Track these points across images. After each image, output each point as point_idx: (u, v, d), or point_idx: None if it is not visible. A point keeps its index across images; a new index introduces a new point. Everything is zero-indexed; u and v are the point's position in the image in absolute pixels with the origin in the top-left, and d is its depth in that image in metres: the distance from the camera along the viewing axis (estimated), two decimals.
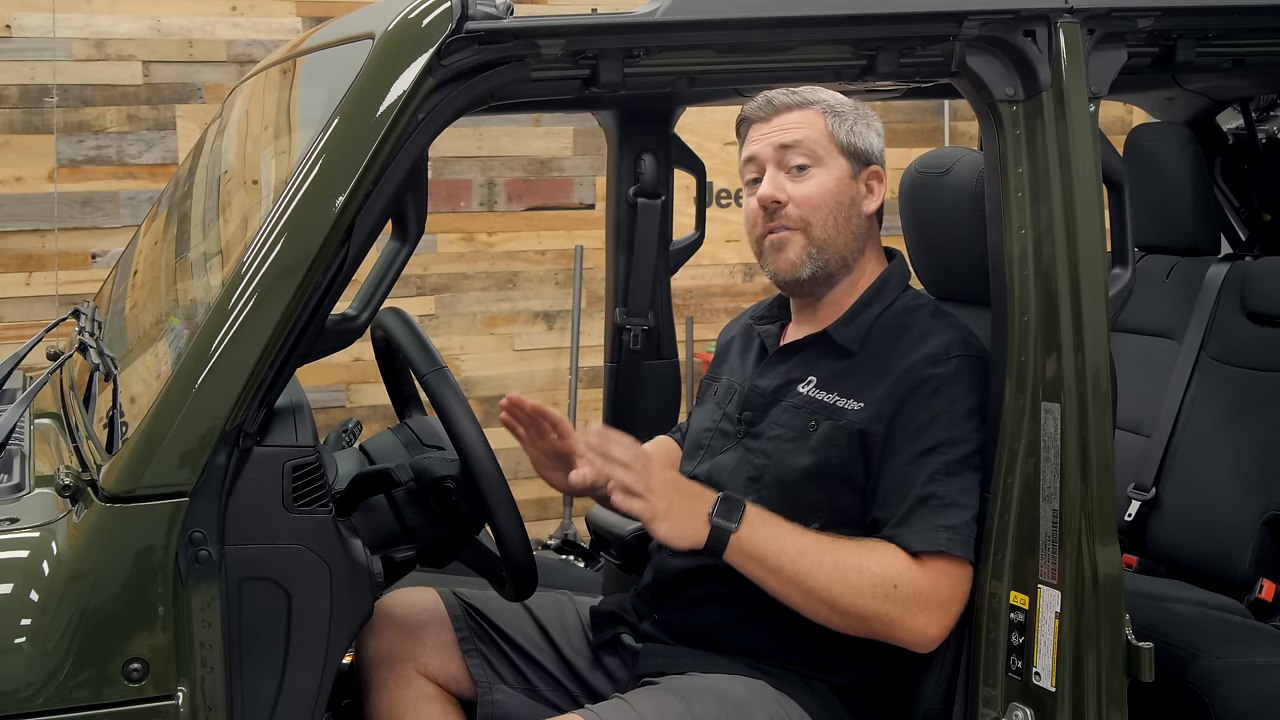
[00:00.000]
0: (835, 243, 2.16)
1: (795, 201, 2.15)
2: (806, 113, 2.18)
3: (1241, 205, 3.14)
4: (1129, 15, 1.94)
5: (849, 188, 2.17)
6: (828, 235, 2.15)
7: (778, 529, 1.98)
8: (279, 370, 1.73)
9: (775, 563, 1.96)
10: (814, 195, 2.15)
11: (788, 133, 2.16)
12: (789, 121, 2.17)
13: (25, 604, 1.67)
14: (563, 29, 1.76)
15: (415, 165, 1.76)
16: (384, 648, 2.23)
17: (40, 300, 4.73)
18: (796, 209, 2.15)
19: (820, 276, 2.17)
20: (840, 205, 2.16)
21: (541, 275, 5.35)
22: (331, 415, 4.94)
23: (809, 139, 2.16)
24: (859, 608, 1.96)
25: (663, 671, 2.13)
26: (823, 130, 2.16)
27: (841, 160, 2.17)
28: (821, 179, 2.15)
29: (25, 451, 2.02)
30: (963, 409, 2.03)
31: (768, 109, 2.20)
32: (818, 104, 2.18)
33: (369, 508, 2.03)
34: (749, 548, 1.96)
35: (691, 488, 2.00)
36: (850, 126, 2.18)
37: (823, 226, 2.15)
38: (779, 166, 2.16)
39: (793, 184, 2.15)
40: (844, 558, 1.97)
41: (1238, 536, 2.64)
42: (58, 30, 4.67)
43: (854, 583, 1.95)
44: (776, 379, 2.21)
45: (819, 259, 2.16)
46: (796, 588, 1.97)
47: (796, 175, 2.15)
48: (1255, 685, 2.26)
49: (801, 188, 2.15)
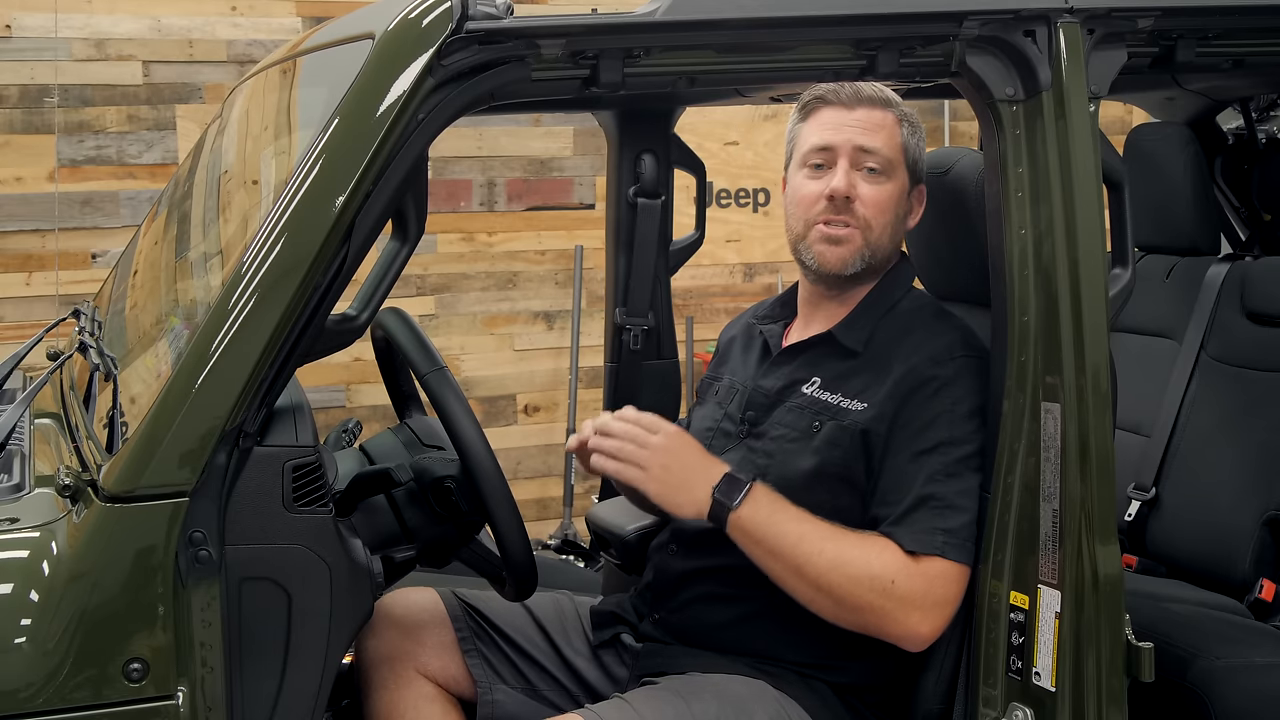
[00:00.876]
0: (884, 250, 2.18)
1: (864, 202, 2.15)
2: (887, 115, 2.17)
3: (1241, 205, 3.14)
4: (1129, 15, 1.94)
5: (904, 202, 2.20)
6: (882, 241, 2.17)
7: (780, 513, 1.99)
8: (279, 370, 1.73)
9: (774, 545, 1.97)
10: (882, 200, 2.16)
11: (869, 135, 2.15)
12: (870, 120, 2.16)
13: (25, 604, 1.67)
14: (563, 29, 1.76)
15: (415, 165, 1.76)
16: (384, 648, 2.23)
17: (40, 300, 4.73)
18: (864, 209, 2.15)
19: (860, 275, 2.19)
20: (898, 217, 2.19)
21: (541, 275, 5.35)
22: (331, 415, 4.94)
23: (887, 145, 2.16)
24: (854, 599, 1.96)
25: (663, 671, 2.13)
26: (898, 139, 2.17)
27: (904, 173, 2.19)
28: (889, 188, 2.16)
29: (25, 451, 2.02)
30: (964, 409, 2.03)
31: (850, 96, 2.17)
32: (896, 107, 2.19)
33: (369, 508, 2.03)
34: (749, 527, 1.98)
35: (696, 458, 2.02)
36: (917, 142, 2.20)
37: (881, 232, 2.16)
38: (853, 164, 2.16)
39: (864, 183, 2.15)
40: (844, 549, 1.97)
41: (1238, 536, 2.64)
42: (58, 30, 4.67)
43: (852, 574, 1.96)
44: (780, 379, 2.21)
45: (868, 260, 2.17)
46: (794, 572, 1.98)
47: (869, 176, 2.15)
48: (1255, 685, 2.26)
49: (873, 190, 2.15)
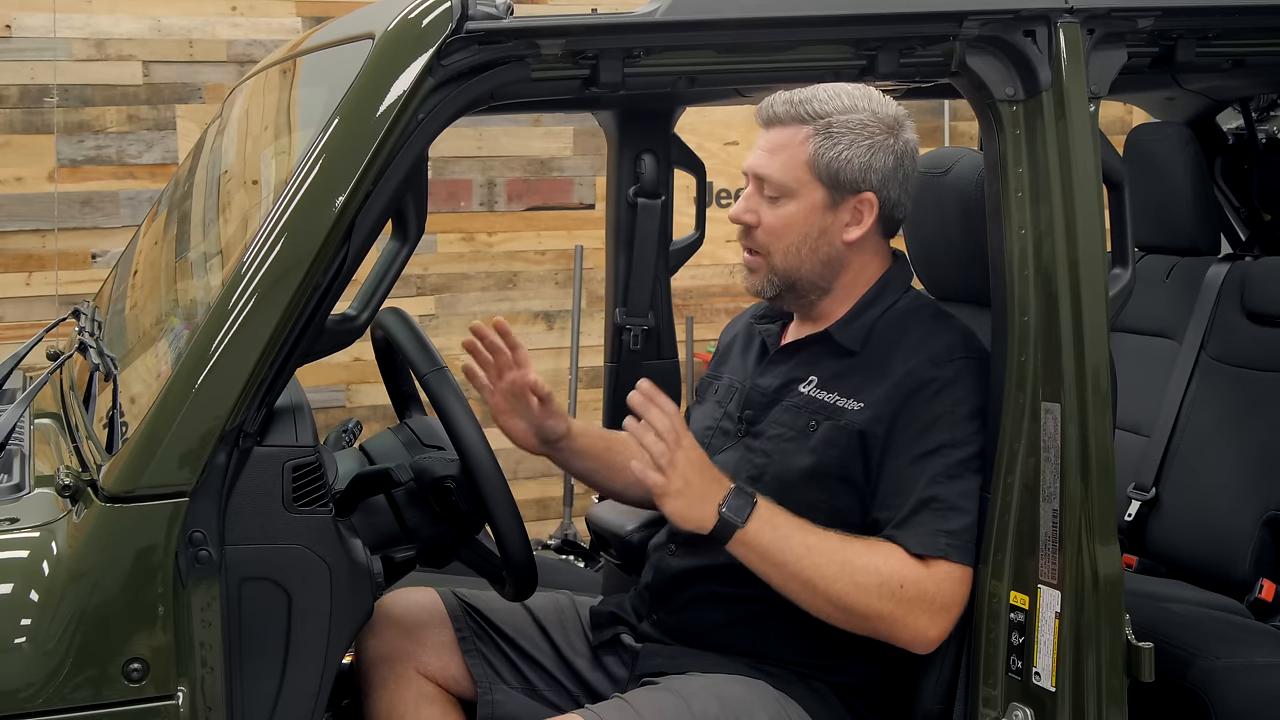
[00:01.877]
0: (799, 269, 2.14)
1: (763, 228, 2.14)
2: (796, 132, 2.12)
3: (1241, 205, 3.14)
4: (1129, 15, 1.94)
5: (820, 218, 2.12)
6: (789, 264, 2.14)
7: (785, 526, 1.97)
8: (279, 370, 1.73)
9: (779, 559, 1.96)
10: (777, 226, 2.13)
11: (766, 159, 2.13)
12: (775, 141, 2.14)
13: (25, 604, 1.67)
14: (563, 29, 1.76)
15: (415, 165, 1.76)
16: (384, 648, 2.23)
17: (40, 300, 4.73)
18: (763, 235, 2.14)
19: (789, 295, 2.18)
20: (806, 237, 2.13)
21: (541, 275, 5.35)
22: (331, 415, 4.94)
23: (783, 169, 2.11)
24: (864, 606, 1.96)
25: (663, 671, 2.13)
26: (803, 157, 2.11)
27: (817, 190, 2.11)
28: (789, 211, 2.12)
29: (25, 451, 2.02)
30: (965, 411, 2.03)
31: (766, 116, 2.16)
32: (813, 122, 2.11)
33: (369, 508, 2.03)
34: (754, 543, 1.96)
35: (710, 472, 1.98)
36: (840, 153, 2.10)
37: (783, 256, 2.14)
38: (757, 189, 2.16)
39: (766, 208, 2.14)
40: (851, 557, 1.96)
41: (1238, 536, 2.64)
42: (58, 30, 4.67)
43: (860, 581, 1.95)
44: (778, 378, 2.21)
45: (780, 284, 2.16)
46: (801, 584, 1.96)
47: (770, 201, 2.14)
48: (1255, 685, 2.26)
49: (769, 215, 2.14)
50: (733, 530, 1.95)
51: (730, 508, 1.95)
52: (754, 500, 1.97)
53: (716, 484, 1.97)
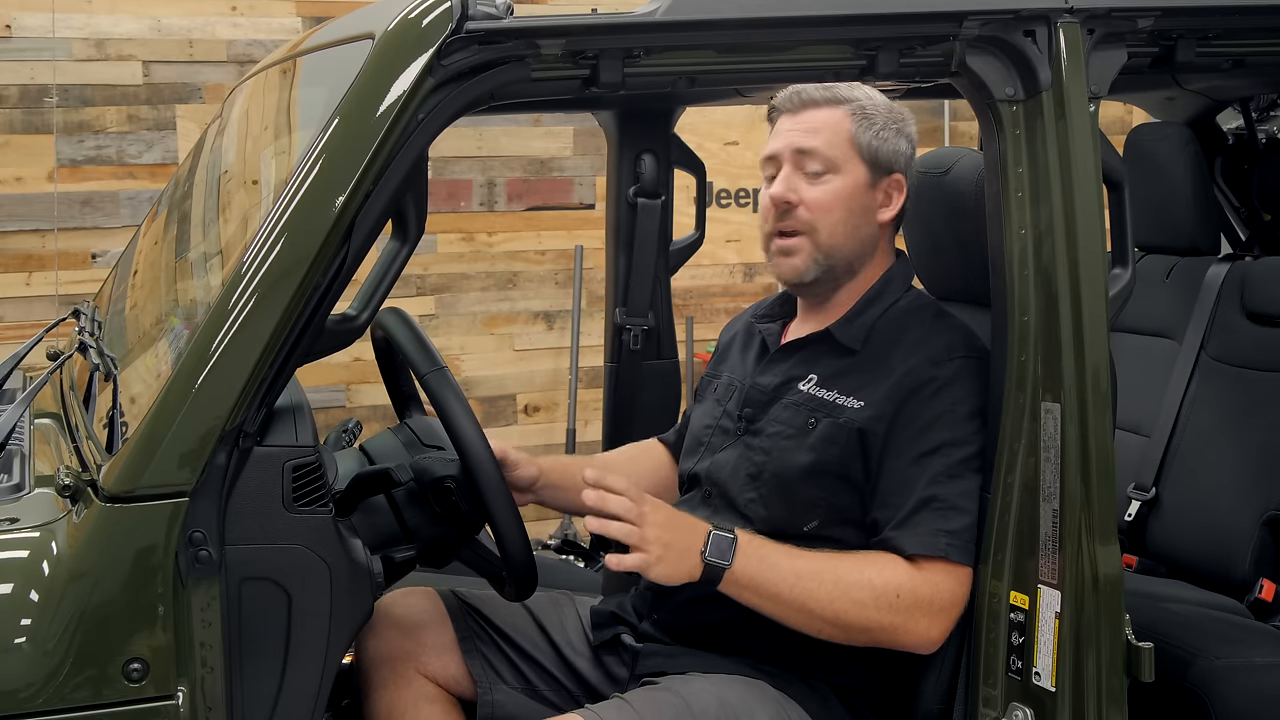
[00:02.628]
0: (842, 249, 2.15)
1: (807, 205, 2.13)
2: (834, 112, 2.15)
3: (1241, 205, 3.14)
4: (1129, 15, 1.94)
5: (864, 196, 2.15)
6: (835, 241, 2.14)
7: (772, 556, 1.97)
8: (279, 370, 1.73)
9: (773, 590, 1.96)
10: (825, 200, 2.13)
11: (809, 136, 2.14)
12: (813, 121, 2.15)
13: (25, 604, 1.67)
14: (563, 29, 1.76)
15: (415, 165, 1.76)
16: (384, 648, 2.23)
17: (40, 300, 4.73)
18: (807, 212, 2.13)
19: (825, 280, 2.17)
20: (852, 213, 2.15)
21: (541, 275, 5.35)
22: (331, 415, 4.94)
23: (828, 144, 2.13)
24: (863, 621, 1.96)
25: (663, 671, 2.13)
26: (846, 134, 2.14)
27: (860, 167, 2.15)
28: (836, 185, 2.14)
29: (25, 451, 2.02)
30: (965, 410, 2.03)
31: (796, 102, 2.17)
32: (847, 104, 2.15)
33: (369, 508, 2.03)
34: (745, 580, 1.95)
35: (683, 523, 1.96)
36: (877, 132, 2.15)
37: (830, 232, 2.14)
38: (796, 168, 2.15)
39: (807, 186, 2.14)
40: (843, 574, 1.96)
41: (1238, 536, 2.64)
42: (58, 30, 4.67)
43: (856, 597, 1.95)
44: (777, 376, 2.21)
45: (824, 264, 2.15)
46: (797, 610, 1.97)
47: (812, 178, 2.14)
48: (1255, 685, 2.26)
49: (814, 191, 2.13)
50: (721, 572, 1.94)
51: (713, 552, 1.94)
52: (734, 537, 1.95)
53: (693, 533, 1.95)
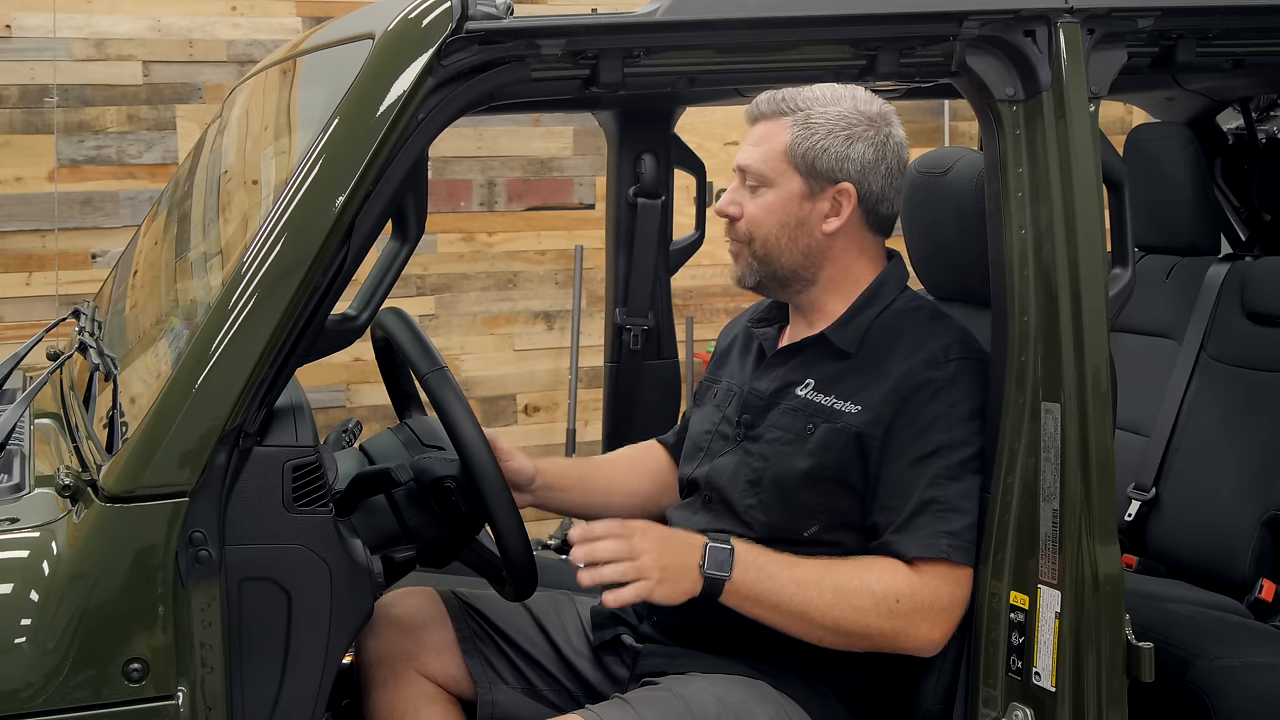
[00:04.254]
0: (779, 259, 2.16)
1: (746, 218, 2.18)
2: (775, 125, 2.16)
3: (1241, 205, 3.14)
4: (1129, 15, 1.94)
5: (797, 207, 2.14)
6: (767, 251, 2.16)
7: (770, 565, 1.97)
8: (279, 370, 1.73)
9: (772, 600, 1.96)
10: (757, 214, 2.16)
11: (749, 151, 2.18)
12: (757, 134, 2.19)
13: (25, 604, 1.67)
14: (563, 29, 1.76)
15: (415, 165, 1.76)
16: (384, 648, 2.23)
17: (40, 300, 4.73)
18: (744, 225, 2.18)
19: (769, 284, 2.20)
20: (785, 225, 2.15)
21: (541, 275, 5.35)
22: (331, 415, 4.94)
23: (762, 158, 2.15)
24: (864, 627, 1.96)
25: (663, 672, 2.13)
26: (781, 147, 2.14)
27: (794, 179, 2.14)
28: (768, 199, 2.16)
29: (25, 451, 2.02)
30: (963, 412, 2.03)
31: (750, 114, 2.22)
32: (792, 114, 2.15)
33: (369, 508, 2.03)
34: (744, 590, 1.96)
35: (677, 542, 1.97)
36: (816, 143, 2.12)
37: (762, 243, 2.16)
38: (741, 182, 2.20)
39: (749, 199, 2.18)
40: (842, 581, 1.96)
41: (1238, 536, 2.64)
42: (58, 30, 4.66)
43: (856, 604, 1.95)
44: (775, 382, 2.21)
45: (760, 271, 2.18)
46: (798, 619, 1.97)
47: (750, 192, 2.18)
48: (1255, 685, 2.26)
49: (751, 205, 2.17)
50: (721, 584, 1.95)
51: (710, 565, 1.95)
52: (730, 548, 1.96)
53: (689, 549, 1.96)
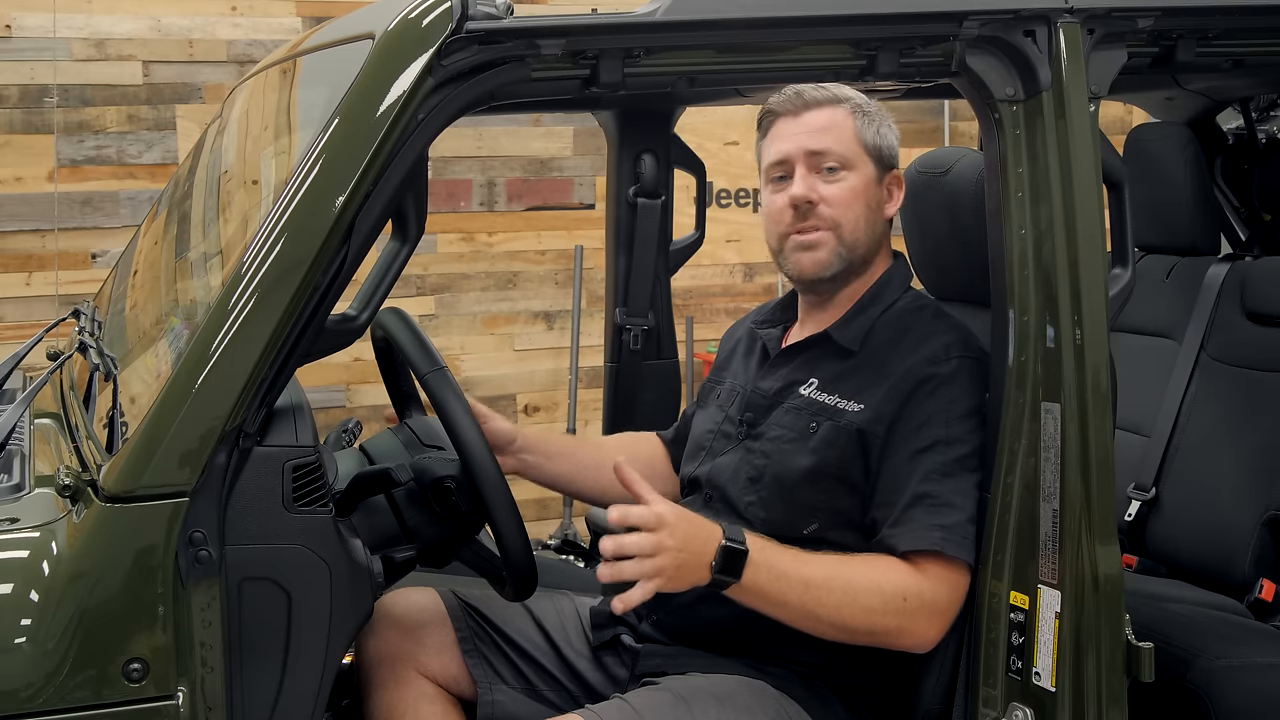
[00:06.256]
0: (861, 243, 2.17)
1: (828, 202, 2.14)
2: (836, 111, 2.16)
3: (1241, 205, 3.14)
4: (1129, 15, 1.94)
5: (875, 191, 2.18)
6: (857, 237, 2.16)
7: (781, 564, 1.94)
8: (279, 370, 1.73)
9: (781, 600, 1.95)
10: (845, 196, 2.15)
11: (818, 136, 2.15)
12: (818, 121, 2.16)
13: (25, 604, 1.67)
14: (563, 29, 1.76)
15: (415, 165, 1.76)
16: (384, 648, 2.23)
17: (40, 300, 4.73)
18: (829, 209, 2.14)
19: (842, 275, 2.18)
20: (868, 208, 2.17)
21: (541, 275, 5.35)
22: (331, 415, 4.94)
23: (838, 142, 2.15)
24: (869, 625, 1.96)
25: (663, 672, 2.13)
26: (852, 131, 2.16)
27: (869, 163, 2.17)
28: (852, 181, 2.15)
29: (25, 451, 2.02)
30: (961, 409, 2.03)
31: (797, 103, 2.18)
32: (846, 102, 2.17)
33: (369, 508, 2.03)
34: (752, 589, 1.93)
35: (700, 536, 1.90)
36: (877, 129, 2.18)
37: (853, 228, 2.15)
38: (810, 168, 2.15)
39: (824, 184, 2.15)
40: (852, 580, 1.96)
41: (1238, 536, 2.64)
42: (58, 30, 4.66)
43: (865, 604, 1.95)
44: (778, 381, 2.21)
45: (846, 259, 2.17)
46: (805, 617, 1.96)
47: (828, 176, 2.15)
48: (1255, 685, 2.26)
49: (833, 188, 2.15)
50: (729, 584, 1.92)
51: (720, 568, 1.90)
52: (745, 550, 1.91)
53: (705, 546, 1.89)
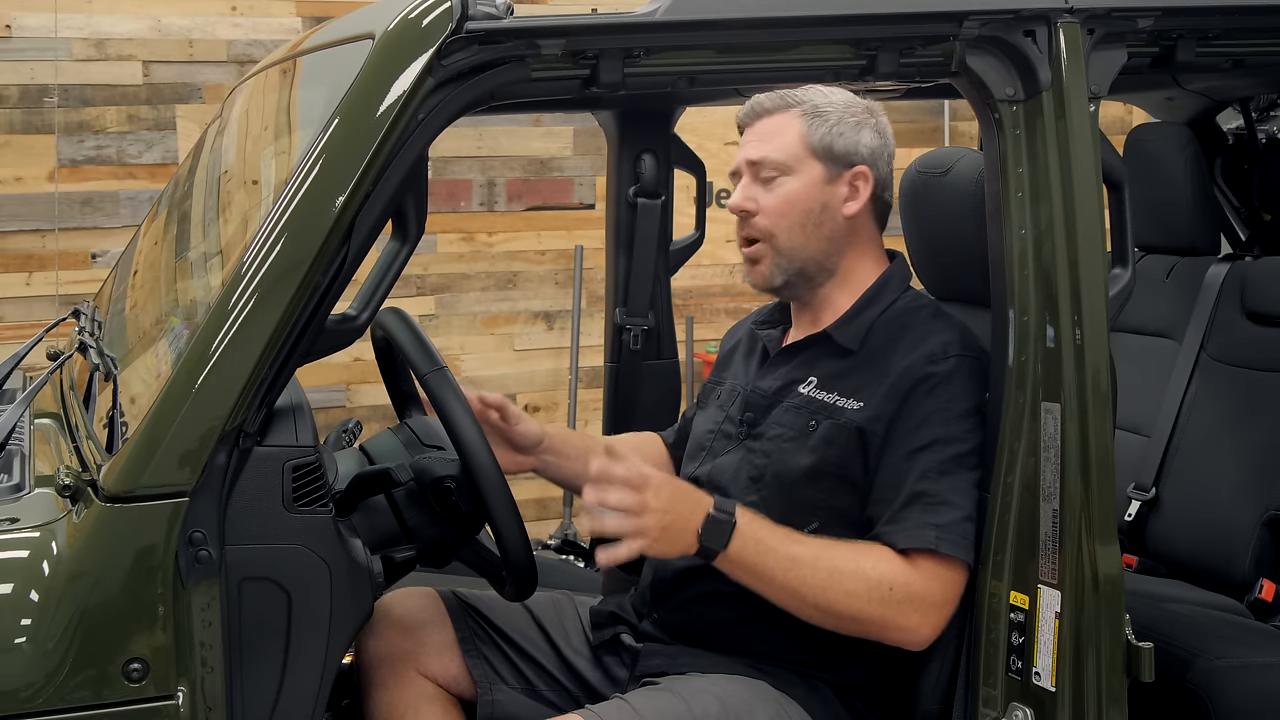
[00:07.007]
0: (805, 249, 2.17)
1: (763, 211, 2.17)
2: (784, 117, 2.18)
3: (1241, 205, 3.14)
4: (1129, 15, 1.94)
5: (821, 193, 2.16)
6: (794, 243, 2.16)
7: (768, 539, 1.96)
8: (279, 370, 1.73)
9: (766, 574, 1.96)
10: (779, 205, 2.16)
11: (759, 145, 2.18)
12: (765, 129, 2.19)
13: (25, 604, 1.67)
14: (563, 29, 1.76)
15: (415, 165, 1.76)
16: (384, 648, 2.23)
17: (40, 300, 4.73)
18: (764, 219, 2.17)
19: (796, 282, 2.19)
20: (809, 213, 2.16)
21: (541, 275, 5.35)
22: (331, 415, 4.94)
23: (778, 149, 2.16)
24: (854, 611, 1.96)
25: (663, 671, 2.13)
26: (796, 135, 2.16)
27: (815, 165, 2.16)
28: (789, 187, 2.16)
29: (25, 451, 2.02)
30: (959, 408, 2.03)
31: (750, 114, 2.22)
32: (799, 106, 2.18)
33: (369, 508, 2.03)
34: (738, 561, 1.95)
35: (687, 502, 1.95)
36: (831, 127, 2.16)
37: (788, 235, 2.16)
38: (753, 177, 2.19)
39: (763, 193, 2.17)
40: (839, 564, 1.96)
41: (1238, 536, 2.64)
42: (58, 30, 4.67)
43: (849, 587, 1.95)
44: (778, 380, 2.21)
45: (788, 267, 2.18)
46: (790, 595, 1.97)
47: (767, 184, 2.17)
48: (1255, 685, 2.26)
49: (769, 197, 2.17)
50: (715, 553, 1.94)
51: (707, 537, 1.93)
52: (732, 521, 1.94)
53: (692, 513, 1.93)
